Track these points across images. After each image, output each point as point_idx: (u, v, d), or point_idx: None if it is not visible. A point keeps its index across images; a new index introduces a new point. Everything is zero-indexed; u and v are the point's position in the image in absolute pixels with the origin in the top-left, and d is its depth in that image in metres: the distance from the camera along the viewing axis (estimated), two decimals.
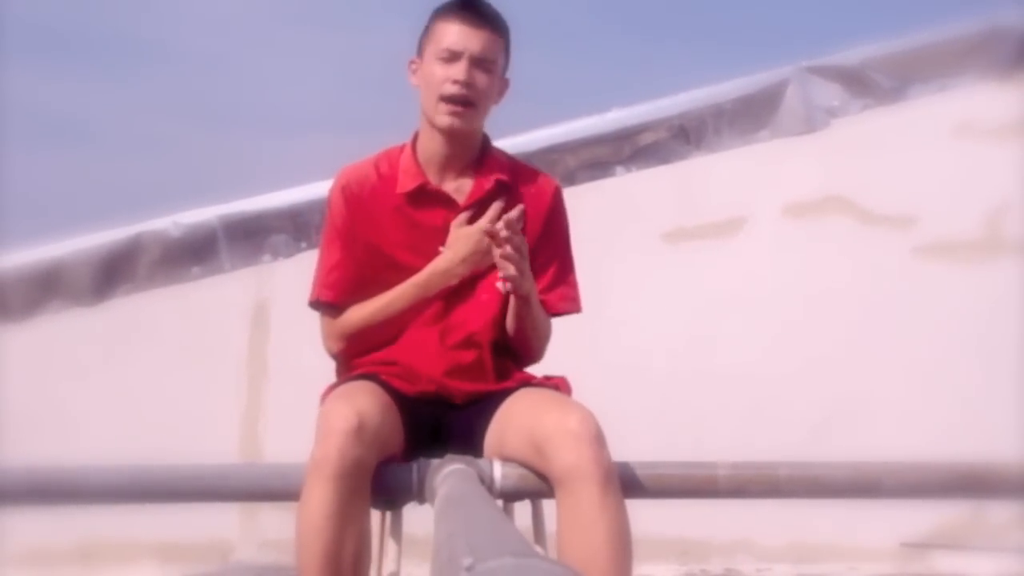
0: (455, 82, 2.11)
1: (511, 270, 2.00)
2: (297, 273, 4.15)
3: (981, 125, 4.39)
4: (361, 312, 2.18)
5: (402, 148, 2.26)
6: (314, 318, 2.24)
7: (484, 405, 2.10)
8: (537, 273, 2.15)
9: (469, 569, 0.89)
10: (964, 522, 4.12)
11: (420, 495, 1.92)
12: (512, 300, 2.12)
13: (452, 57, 2.12)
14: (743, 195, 4.43)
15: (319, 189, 4.26)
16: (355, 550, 1.82)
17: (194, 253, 4.25)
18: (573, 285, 2.26)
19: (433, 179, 2.20)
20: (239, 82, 9.19)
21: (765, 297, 4.26)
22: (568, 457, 1.82)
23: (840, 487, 2.17)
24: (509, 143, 4.38)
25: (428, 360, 2.14)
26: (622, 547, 1.80)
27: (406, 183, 2.20)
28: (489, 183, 2.20)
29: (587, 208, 2.86)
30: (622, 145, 4.42)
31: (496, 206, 2.17)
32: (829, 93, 4.48)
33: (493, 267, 2.14)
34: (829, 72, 4.50)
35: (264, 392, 4.20)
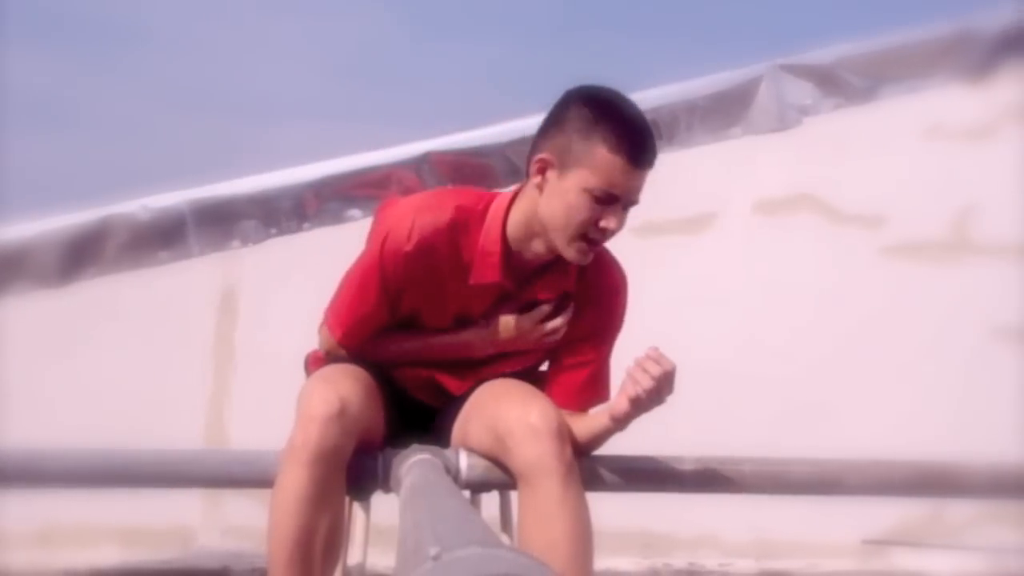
0: (604, 229, 1.90)
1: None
2: (266, 260, 4.19)
3: (951, 127, 4.42)
4: (372, 348, 2.08)
5: (486, 207, 1.99)
6: (282, 305, 2.22)
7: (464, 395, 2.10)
8: (581, 361, 2.10)
9: (435, 558, 0.88)
10: (924, 520, 4.15)
11: (386, 484, 1.91)
12: (608, 422, 1.94)
13: (608, 200, 1.88)
14: (714, 191, 4.44)
15: (289, 176, 4.26)
16: (327, 536, 1.81)
17: (162, 237, 4.20)
18: (608, 373, 2.14)
19: (512, 266, 2.00)
20: (214, 67, 9.10)
21: (734, 293, 4.27)
22: (529, 451, 1.81)
23: (803, 483, 2.19)
24: (485, 133, 4.37)
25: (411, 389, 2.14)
26: (582, 541, 1.80)
27: (484, 274, 1.98)
28: (556, 292, 2.05)
29: None
30: None
31: (544, 309, 2.05)
32: (801, 91, 4.50)
33: (512, 357, 2.10)
34: (802, 71, 4.52)
35: (231, 378, 4.17)
